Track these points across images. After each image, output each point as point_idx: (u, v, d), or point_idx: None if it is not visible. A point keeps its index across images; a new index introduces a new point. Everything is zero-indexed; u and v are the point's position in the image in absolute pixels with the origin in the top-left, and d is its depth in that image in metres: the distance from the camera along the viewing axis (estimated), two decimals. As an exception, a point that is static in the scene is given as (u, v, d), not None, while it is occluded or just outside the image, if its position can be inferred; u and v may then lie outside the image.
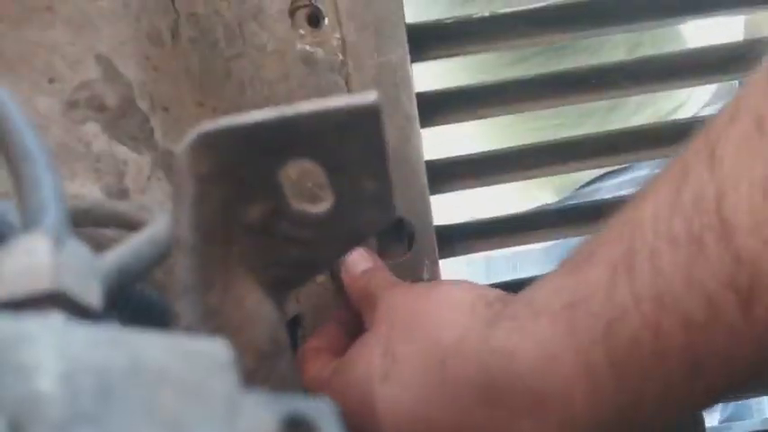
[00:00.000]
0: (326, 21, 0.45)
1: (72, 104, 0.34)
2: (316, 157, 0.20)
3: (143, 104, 0.36)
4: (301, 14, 0.45)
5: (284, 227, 0.22)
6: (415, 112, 0.47)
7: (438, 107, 0.50)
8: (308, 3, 0.45)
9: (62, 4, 0.36)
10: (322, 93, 0.46)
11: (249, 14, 0.44)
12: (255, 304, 0.21)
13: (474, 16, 0.51)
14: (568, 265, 0.30)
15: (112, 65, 0.36)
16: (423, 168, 0.48)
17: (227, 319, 0.20)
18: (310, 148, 0.20)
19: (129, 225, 0.25)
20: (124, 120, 0.35)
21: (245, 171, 0.20)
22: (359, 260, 0.42)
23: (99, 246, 0.24)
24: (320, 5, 0.45)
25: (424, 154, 0.48)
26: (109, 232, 0.27)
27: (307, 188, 0.32)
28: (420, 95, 0.48)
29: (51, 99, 0.34)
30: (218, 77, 0.43)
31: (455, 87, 0.50)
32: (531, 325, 0.30)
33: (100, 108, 0.35)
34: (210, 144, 0.19)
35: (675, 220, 0.25)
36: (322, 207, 0.22)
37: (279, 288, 0.24)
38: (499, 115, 0.52)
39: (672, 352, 0.26)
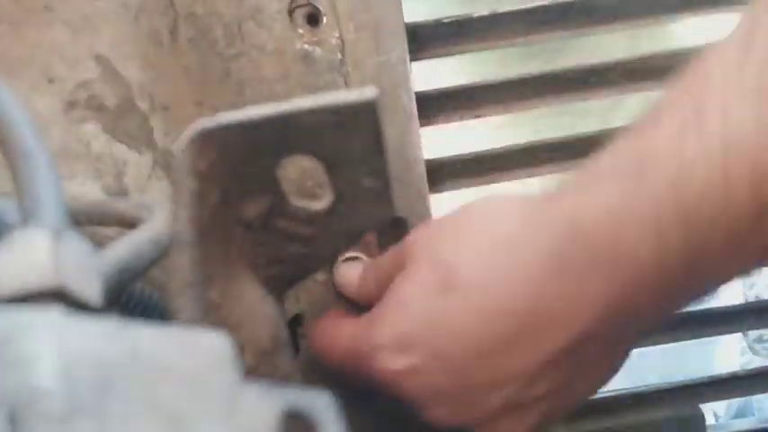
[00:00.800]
0: (325, 20, 0.45)
1: (71, 104, 0.34)
2: (314, 153, 0.20)
3: (142, 104, 0.36)
4: (300, 14, 0.45)
5: (284, 224, 0.22)
6: (415, 110, 0.47)
7: (438, 106, 0.50)
8: (306, 2, 0.45)
9: (61, 5, 0.36)
10: (321, 92, 0.46)
11: (248, 14, 0.44)
12: (256, 301, 0.21)
13: (474, 15, 0.51)
14: (632, 131, 0.30)
15: (111, 65, 0.36)
16: (422, 167, 0.48)
17: (227, 316, 0.20)
18: (309, 144, 0.20)
19: (128, 223, 0.25)
20: (123, 120, 0.35)
21: (244, 167, 0.20)
22: (349, 269, 0.40)
23: (98, 245, 0.24)
24: (319, 5, 0.45)
25: (424, 153, 0.48)
26: (108, 231, 0.27)
27: (306, 185, 0.32)
28: (419, 94, 0.48)
29: (51, 99, 0.34)
30: (218, 77, 0.43)
31: (455, 86, 0.50)
32: (597, 187, 0.30)
33: (99, 108, 0.35)
34: (209, 140, 0.19)
35: (745, 75, 0.26)
36: (321, 204, 0.22)
37: (278, 285, 0.24)
38: (499, 114, 0.52)
39: (739, 197, 0.26)
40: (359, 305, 0.42)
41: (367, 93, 0.19)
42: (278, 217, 0.21)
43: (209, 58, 0.43)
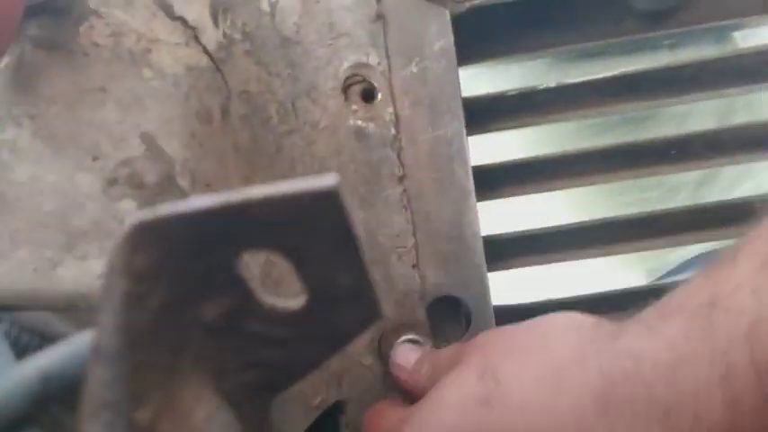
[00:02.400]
0: (380, 96, 0.42)
1: (111, 182, 0.33)
2: (275, 248, 0.16)
3: (183, 182, 0.34)
4: (355, 90, 0.42)
5: (253, 325, 0.18)
6: (471, 185, 0.43)
7: (497, 180, 0.46)
8: (361, 79, 0.42)
9: (115, 85, 0.35)
10: (373, 167, 0.42)
11: (302, 91, 0.42)
12: (205, 419, 0.17)
13: (539, 87, 0.47)
14: (708, 268, 0.26)
15: (156, 142, 0.34)
16: (480, 244, 0.43)
17: (160, 439, 0.16)
18: (267, 239, 0.16)
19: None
20: (162, 197, 0.33)
21: (196, 265, 0.16)
22: (407, 352, 0.38)
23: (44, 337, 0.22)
24: (374, 81, 0.42)
25: (481, 228, 0.43)
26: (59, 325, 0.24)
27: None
28: (477, 168, 0.43)
29: (92, 176, 0.33)
30: (269, 153, 0.41)
31: (514, 159, 0.46)
32: (662, 326, 0.25)
33: (139, 185, 0.33)
34: (149, 235, 0.15)
35: None
36: (296, 303, 0.18)
37: (256, 394, 0.19)
38: (563, 189, 0.46)
39: None
40: (411, 395, 0.38)
41: (327, 180, 0.15)
42: (245, 318, 0.18)
43: (260, 135, 0.41)
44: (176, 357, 0.17)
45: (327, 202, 0.15)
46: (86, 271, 0.30)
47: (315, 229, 0.15)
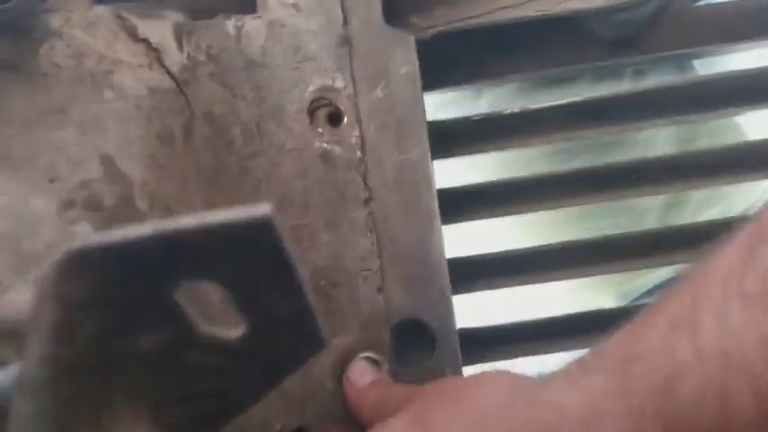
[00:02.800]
0: (346, 119, 0.42)
1: (68, 204, 0.32)
2: (210, 277, 0.16)
3: (142, 204, 0.34)
4: (321, 114, 0.42)
5: (193, 355, 0.17)
6: (436, 209, 0.43)
7: (462, 204, 0.46)
8: (327, 102, 0.42)
9: (75, 106, 0.35)
10: (339, 190, 0.42)
11: (268, 114, 0.41)
12: (138, 453, 0.16)
13: (503, 112, 0.47)
14: (628, 326, 0.27)
15: (115, 164, 0.34)
16: (445, 267, 0.43)
17: (87, 476, 0.15)
18: (203, 268, 0.16)
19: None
20: (118, 219, 0.33)
21: (130, 296, 0.16)
22: (363, 372, 0.37)
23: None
24: (340, 105, 0.42)
25: (447, 251, 0.43)
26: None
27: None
28: (442, 192, 0.43)
29: (48, 199, 0.32)
30: (233, 175, 0.41)
31: (479, 183, 0.46)
32: (584, 380, 0.27)
33: (96, 207, 0.33)
34: (81, 265, 0.15)
35: (749, 276, 0.23)
36: (235, 332, 0.17)
37: (202, 426, 0.19)
38: (528, 212, 0.46)
39: (740, 414, 0.22)
40: (351, 410, 0.38)
41: (260, 210, 0.14)
42: (183, 348, 0.17)
43: (224, 157, 0.41)
44: (108, 390, 0.16)
45: (262, 231, 0.15)
46: (38, 295, 0.30)
47: (251, 259, 0.15)
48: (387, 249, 0.43)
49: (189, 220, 0.15)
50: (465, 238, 0.48)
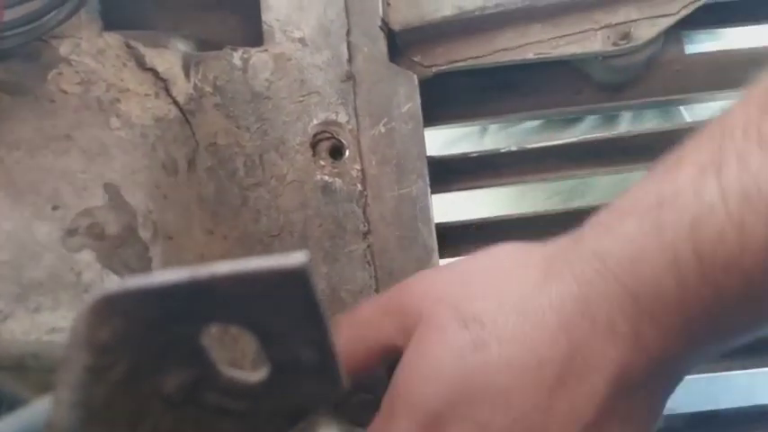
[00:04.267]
0: (348, 153, 0.43)
1: (71, 232, 0.32)
2: (239, 323, 0.16)
3: (145, 233, 0.34)
4: (323, 147, 0.43)
5: (213, 397, 0.18)
6: (435, 243, 0.43)
7: (460, 239, 0.46)
8: (330, 135, 0.43)
9: (80, 133, 0.35)
10: (339, 222, 0.43)
11: (271, 145, 0.42)
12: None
13: (501, 150, 0.48)
14: (655, 172, 0.30)
15: (119, 193, 0.34)
16: (441, 303, 0.43)
17: None
18: (231, 314, 0.16)
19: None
20: (122, 248, 0.32)
21: (159, 337, 0.16)
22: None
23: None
24: (342, 139, 0.43)
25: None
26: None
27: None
28: (440, 226, 0.44)
29: (51, 226, 0.32)
30: (234, 206, 0.41)
31: (477, 219, 0.46)
32: (619, 226, 0.29)
33: (99, 236, 0.32)
34: (113, 308, 0.15)
35: (765, 123, 0.26)
36: (257, 376, 0.17)
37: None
38: (529, 240, 0.47)
39: (753, 247, 0.26)
40: None
41: (296, 259, 0.15)
42: (206, 390, 0.17)
43: (226, 187, 0.41)
44: (133, 430, 0.16)
45: (295, 280, 0.15)
46: (38, 324, 0.29)
47: (281, 306, 0.15)
48: (384, 283, 0.43)
49: (224, 267, 0.15)
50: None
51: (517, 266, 0.33)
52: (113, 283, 0.15)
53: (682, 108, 0.58)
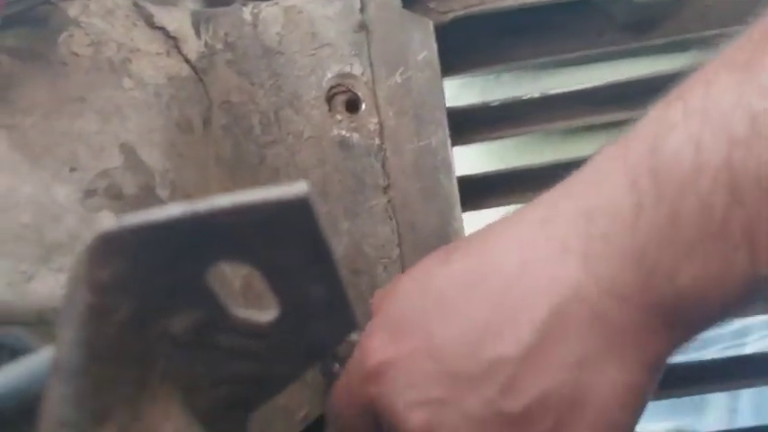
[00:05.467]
0: (364, 106, 0.42)
1: (89, 193, 0.32)
2: (243, 258, 0.16)
3: (163, 192, 0.34)
4: (339, 100, 0.42)
5: (225, 338, 0.17)
6: (457, 196, 0.42)
7: (482, 190, 0.45)
8: (345, 89, 0.42)
9: (94, 95, 0.35)
10: (358, 177, 0.42)
11: (285, 102, 0.41)
12: (174, 436, 0.16)
13: (524, 97, 0.46)
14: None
15: (135, 153, 0.34)
16: (465, 255, 0.42)
17: (124, 459, 0.15)
18: (235, 249, 0.15)
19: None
20: (141, 208, 0.32)
21: (163, 278, 0.16)
22: None
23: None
24: (358, 91, 0.42)
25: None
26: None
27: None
28: (462, 179, 0.43)
29: (70, 188, 0.32)
30: (251, 164, 0.40)
31: (501, 170, 0.45)
32: (595, 157, 0.30)
33: (117, 196, 0.32)
34: (113, 247, 0.15)
35: (738, 51, 0.27)
36: (267, 316, 0.17)
37: (234, 410, 0.19)
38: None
39: (708, 168, 0.25)
40: None
41: (298, 188, 0.14)
42: (216, 331, 0.17)
43: (243, 146, 0.40)
44: (143, 373, 0.16)
45: (298, 211, 0.14)
46: (62, 284, 0.29)
47: (285, 240, 0.15)
48: (407, 237, 0.42)
49: (223, 200, 0.14)
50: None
51: (512, 212, 0.33)
52: (111, 221, 0.14)
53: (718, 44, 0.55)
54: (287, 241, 0.15)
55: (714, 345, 0.66)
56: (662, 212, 0.26)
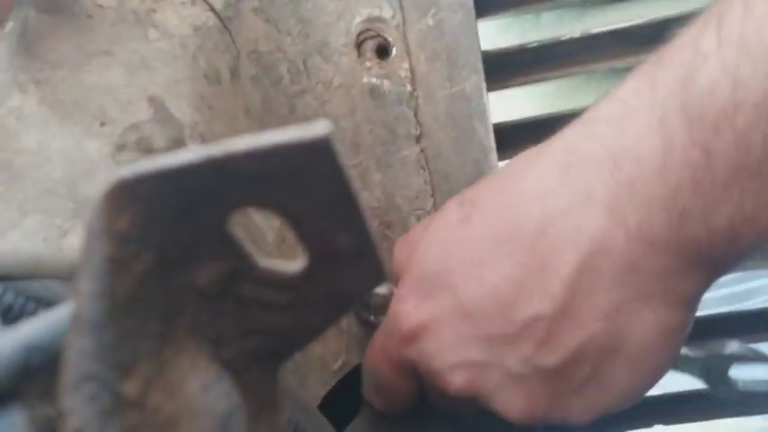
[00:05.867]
0: (394, 51, 0.40)
1: (120, 147, 0.32)
2: (267, 205, 0.15)
3: (194, 145, 0.33)
4: (368, 46, 0.40)
5: (251, 290, 0.17)
6: (492, 143, 0.41)
7: (519, 138, 0.43)
8: (374, 34, 0.40)
9: (120, 47, 0.34)
10: (389, 127, 0.40)
11: (314, 49, 0.40)
12: (201, 388, 0.16)
13: (563, 38, 0.44)
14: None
15: (164, 105, 0.33)
16: (502, 205, 0.41)
17: (152, 413, 0.15)
18: (256, 196, 0.15)
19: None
20: (171, 161, 0.32)
21: (184, 227, 0.15)
22: None
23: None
24: (388, 36, 0.40)
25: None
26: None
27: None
28: (498, 126, 0.41)
29: (101, 142, 0.32)
30: (281, 114, 0.39)
31: (539, 115, 0.43)
32: (618, 90, 0.28)
33: (148, 150, 0.32)
34: (131, 194, 0.14)
35: None
36: (295, 266, 0.16)
37: (264, 360, 0.18)
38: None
39: (747, 104, 0.23)
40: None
41: (317, 129, 0.13)
42: (242, 282, 0.16)
43: (272, 96, 0.39)
44: (169, 325, 0.16)
45: (319, 152, 0.13)
46: (96, 238, 0.29)
47: (308, 184, 0.14)
48: (440, 188, 0.41)
49: (239, 144, 0.13)
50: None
51: (525, 153, 0.31)
52: (127, 167, 0.14)
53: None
54: (309, 185, 0.14)
55: None
56: (694, 153, 0.24)
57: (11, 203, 0.29)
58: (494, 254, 0.28)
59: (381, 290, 0.32)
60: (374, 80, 0.40)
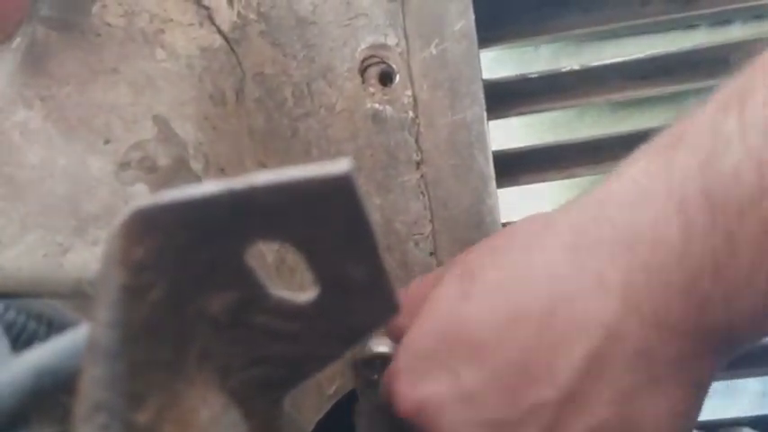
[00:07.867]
0: (398, 78, 0.41)
1: (123, 166, 0.32)
2: (283, 238, 0.15)
3: (197, 165, 0.33)
4: (372, 72, 0.41)
5: (263, 319, 0.17)
6: (492, 171, 0.41)
7: (518, 166, 0.44)
8: (379, 60, 0.41)
9: (127, 66, 0.34)
10: (390, 152, 0.41)
11: (318, 73, 0.40)
12: (210, 419, 0.15)
13: (563, 69, 0.44)
14: (679, 117, 0.26)
15: (169, 125, 0.33)
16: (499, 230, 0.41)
17: (162, 441, 0.15)
18: (274, 228, 0.15)
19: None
20: (175, 181, 0.32)
21: (200, 256, 0.15)
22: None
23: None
24: (392, 63, 0.40)
25: (501, 216, 0.42)
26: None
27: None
28: (497, 154, 0.41)
29: (104, 160, 0.32)
30: (284, 137, 0.40)
31: (535, 145, 0.44)
32: (628, 168, 0.26)
33: (151, 169, 0.32)
34: (148, 224, 0.14)
35: None
36: (306, 297, 0.16)
37: (270, 390, 0.18)
38: (587, 175, 0.44)
39: None
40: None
41: (340, 166, 0.13)
42: (255, 312, 0.16)
43: (275, 118, 0.39)
44: (180, 354, 0.15)
45: (340, 189, 0.13)
46: (96, 256, 0.29)
47: (326, 218, 0.14)
48: (439, 213, 0.41)
49: (262, 178, 0.14)
50: (520, 202, 0.46)
51: (526, 225, 0.30)
52: (146, 198, 0.14)
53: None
54: (327, 220, 0.14)
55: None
56: (717, 239, 0.23)
57: (12, 219, 0.29)
58: (496, 336, 0.27)
59: (384, 348, 0.31)
60: (377, 106, 0.40)
